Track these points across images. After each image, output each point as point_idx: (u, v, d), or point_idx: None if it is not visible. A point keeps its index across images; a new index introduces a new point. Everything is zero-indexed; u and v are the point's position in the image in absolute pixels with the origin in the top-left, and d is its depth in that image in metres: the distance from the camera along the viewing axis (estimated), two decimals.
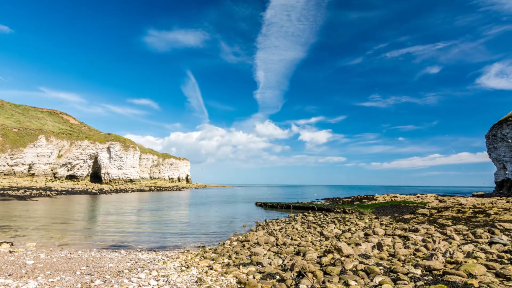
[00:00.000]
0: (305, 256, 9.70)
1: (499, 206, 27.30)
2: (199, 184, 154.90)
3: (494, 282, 6.44)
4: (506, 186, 54.86)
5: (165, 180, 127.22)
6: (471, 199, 39.23)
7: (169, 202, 43.99)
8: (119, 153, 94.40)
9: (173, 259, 10.18)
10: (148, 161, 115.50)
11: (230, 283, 7.44)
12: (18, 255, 10.33)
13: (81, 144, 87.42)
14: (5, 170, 65.32)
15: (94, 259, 10.04)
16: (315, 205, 34.39)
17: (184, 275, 8.06)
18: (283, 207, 35.97)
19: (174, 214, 27.38)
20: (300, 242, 12.97)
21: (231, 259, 10.17)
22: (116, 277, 7.85)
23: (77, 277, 7.76)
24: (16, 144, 68.17)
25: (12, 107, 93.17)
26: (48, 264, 9.10)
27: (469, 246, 10.33)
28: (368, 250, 10.39)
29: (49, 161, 76.23)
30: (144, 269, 8.72)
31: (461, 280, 6.59)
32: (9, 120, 77.07)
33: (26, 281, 7.29)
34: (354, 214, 27.29)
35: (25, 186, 59.18)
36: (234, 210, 33.09)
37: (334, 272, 7.59)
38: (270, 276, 7.65)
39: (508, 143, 53.87)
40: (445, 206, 30.88)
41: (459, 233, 13.89)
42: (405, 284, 6.51)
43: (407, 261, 8.93)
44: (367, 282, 6.83)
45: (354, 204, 37.02)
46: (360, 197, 51.74)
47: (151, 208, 33.56)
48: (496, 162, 58.27)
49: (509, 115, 56.92)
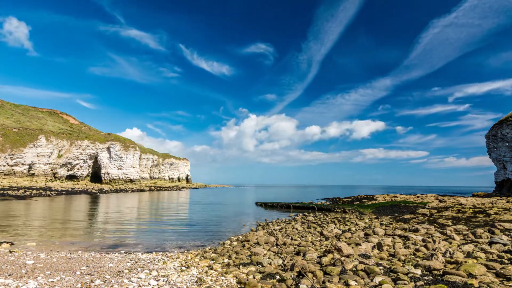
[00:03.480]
0: (305, 256, 9.70)
1: (499, 206, 27.29)
2: (199, 184, 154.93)
3: (494, 282, 6.44)
4: (506, 186, 54.85)
5: (165, 180, 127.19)
6: (471, 199, 39.22)
7: (169, 202, 43.98)
8: (119, 153, 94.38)
9: (173, 259, 10.17)
10: (148, 161, 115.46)
11: (230, 283, 7.43)
12: (18, 255, 10.33)
13: (81, 144, 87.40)
14: (5, 170, 65.32)
15: (94, 259, 10.03)
16: (315, 205, 34.38)
17: (184, 275, 8.06)
18: (283, 207, 35.96)
19: (174, 214, 27.38)
20: (300, 242, 12.97)
21: (231, 259, 10.16)
22: (116, 277, 7.85)
23: (77, 277, 7.75)
24: (16, 144, 68.16)
25: (12, 107, 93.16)
26: (48, 264, 9.10)
27: (469, 246, 10.33)
28: (368, 250, 10.38)
29: (49, 161, 76.21)
30: (144, 269, 8.71)
31: (461, 280, 6.59)
32: (9, 120, 77.06)
33: (26, 281, 7.28)
34: (354, 214, 27.28)
35: (25, 186, 59.17)
36: (234, 210, 33.08)
37: (334, 272, 7.58)
38: (270, 276, 7.64)
39: (508, 143, 53.86)
40: (445, 206, 30.87)
41: (459, 233, 13.88)
42: (405, 284, 6.50)
43: (407, 261, 8.93)
44: (367, 282, 6.82)
45: (354, 204, 37.02)
46: (360, 197, 51.75)
47: (151, 208, 33.57)
48: (496, 162, 58.26)
49: (509, 115, 56.92)
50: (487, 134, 60.10)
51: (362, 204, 36.53)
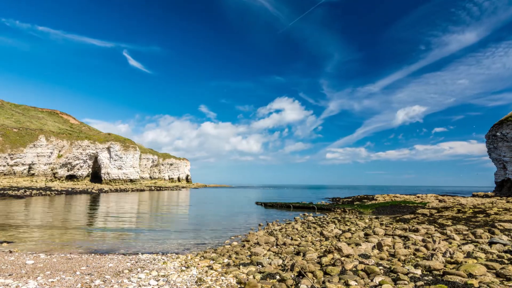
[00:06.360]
0: (305, 256, 9.69)
1: (499, 206, 27.29)
2: (199, 184, 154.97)
3: (494, 282, 6.44)
4: (506, 186, 54.85)
5: (165, 180, 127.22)
6: (471, 199, 39.23)
7: (169, 201, 43.98)
8: (119, 153, 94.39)
9: (173, 259, 10.17)
10: (148, 161, 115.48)
11: (230, 283, 7.43)
12: (18, 255, 10.33)
13: (81, 144, 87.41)
14: (5, 170, 65.31)
15: (94, 259, 10.03)
16: (315, 205, 34.39)
17: (184, 275, 8.05)
18: (283, 206, 35.97)
19: (174, 214, 27.38)
20: (300, 242, 12.96)
21: (231, 259, 10.16)
22: (116, 277, 7.84)
23: (77, 277, 7.75)
24: (16, 144, 68.17)
25: (12, 107, 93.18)
26: (48, 264, 9.10)
27: (469, 246, 10.32)
28: (368, 250, 10.38)
29: (49, 161, 76.21)
30: (144, 269, 8.71)
31: (461, 280, 6.59)
32: (9, 120, 77.07)
33: (26, 281, 7.28)
34: (354, 214, 27.29)
35: (25, 186, 59.18)
36: (234, 210, 33.08)
37: (334, 272, 7.58)
38: (270, 276, 7.64)
39: (508, 143, 53.86)
40: (445, 206, 30.87)
41: (459, 233, 13.88)
42: (405, 284, 6.50)
43: (407, 261, 8.93)
44: (367, 282, 6.82)
45: (354, 204, 37.02)
46: (360, 197, 51.74)
47: (151, 208, 33.56)
48: (496, 162, 58.25)
49: (509, 115, 56.91)
50: (487, 134, 60.06)
51: (362, 204, 36.53)
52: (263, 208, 35.08)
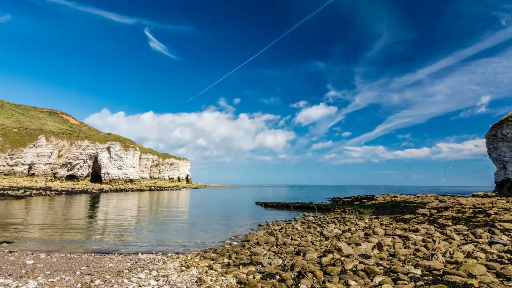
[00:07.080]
0: (305, 256, 9.69)
1: (499, 206, 27.29)
2: (199, 184, 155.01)
3: (494, 282, 6.44)
4: (506, 186, 54.85)
5: (165, 180, 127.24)
6: (471, 199, 39.22)
7: (169, 201, 43.98)
8: (119, 153, 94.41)
9: (173, 259, 10.17)
10: (148, 161, 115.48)
11: (230, 283, 7.43)
12: (18, 255, 10.33)
13: (81, 144, 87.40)
14: (5, 170, 65.31)
15: (94, 259, 10.03)
16: (315, 205, 34.39)
17: (184, 275, 8.05)
18: (283, 206, 35.97)
19: (174, 214, 27.38)
20: (300, 242, 12.96)
21: (231, 259, 10.16)
22: (116, 277, 7.84)
23: (77, 277, 7.75)
24: (16, 144, 68.16)
25: (12, 107, 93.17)
26: (48, 264, 9.10)
27: (469, 246, 10.32)
28: (368, 250, 10.38)
29: (49, 161, 76.20)
30: (144, 269, 8.71)
31: (461, 280, 6.59)
32: (9, 120, 77.05)
33: (26, 281, 7.28)
34: (354, 214, 27.29)
35: (25, 186, 59.17)
36: (234, 210, 33.08)
37: (334, 272, 7.58)
38: (270, 276, 7.64)
39: (508, 143, 53.86)
40: (445, 206, 30.87)
41: (459, 233, 13.88)
42: (405, 284, 6.50)
43: (407, 261, 8.93)
44: (367, 282, 6.82)
45: (354, 204, 37.02)
46: (360, 197, 51.76)
47: (151, 207, 33.56)
48: (496, 162, 58.26)
49: (509, 115, 56.94)
50: (487, 134, 60.08)
51: (362, 204, 36.53)
52: (263, 208, 35.08)
